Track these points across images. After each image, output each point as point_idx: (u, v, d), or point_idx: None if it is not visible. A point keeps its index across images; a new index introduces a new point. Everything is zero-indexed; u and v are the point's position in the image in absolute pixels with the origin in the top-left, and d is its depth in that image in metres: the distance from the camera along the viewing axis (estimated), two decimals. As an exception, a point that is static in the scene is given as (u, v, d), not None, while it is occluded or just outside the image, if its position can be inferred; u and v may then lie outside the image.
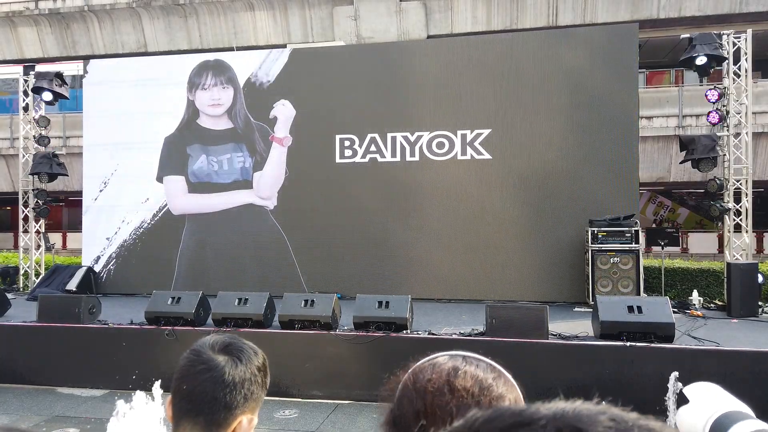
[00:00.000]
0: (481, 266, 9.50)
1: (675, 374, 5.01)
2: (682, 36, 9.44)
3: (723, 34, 8.88)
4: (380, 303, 6.60)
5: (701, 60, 8.55)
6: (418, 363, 0.93)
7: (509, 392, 0.88)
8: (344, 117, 10.11)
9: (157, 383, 4.09)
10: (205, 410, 1.18)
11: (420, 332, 6.52)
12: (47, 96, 10.74)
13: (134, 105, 10.81)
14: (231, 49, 15.86)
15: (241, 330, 6.58)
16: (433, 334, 6.46)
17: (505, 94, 9.57)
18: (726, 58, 8.76)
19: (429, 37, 15.42)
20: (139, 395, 4.25)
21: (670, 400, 5.00)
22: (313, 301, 6.75)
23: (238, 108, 10.53)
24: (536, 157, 9.43)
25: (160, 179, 10.71)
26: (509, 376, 0.91)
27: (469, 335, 6.39)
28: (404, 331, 6.46)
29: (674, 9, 15.05)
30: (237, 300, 6.90)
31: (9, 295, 8.56)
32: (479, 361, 0.91)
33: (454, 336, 6.38)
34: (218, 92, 10.61)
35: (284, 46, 15.88)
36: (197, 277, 10.20)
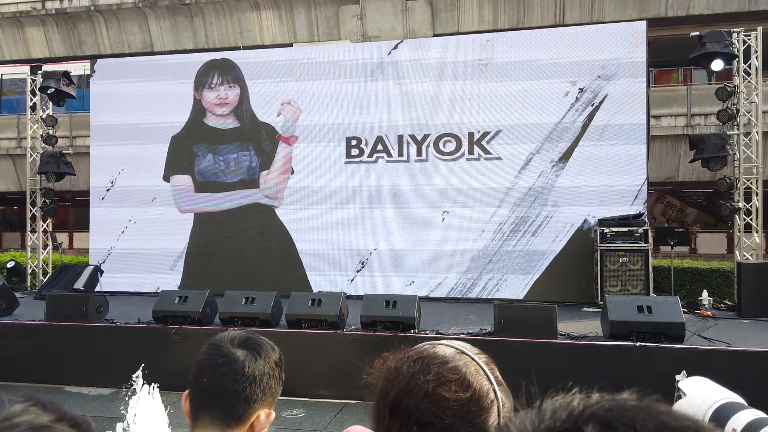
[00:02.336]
0: (487, 266, 9.46)
1: (683, 374, 4.96)
2: (691, 34, 9.37)
3: (733, 31, 8.81)
4: (387, 302, 6.57)
5: (717, 65, 8.48)
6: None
7: (462, 365, 0.91)
8: (351, 116, 10.11)
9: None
10: (225, 403, 1.17)
11: (428, 332, 6.49)
12: (50, 90, 10.74)
13: (141, 104, 10.83)
14: (237, 48, 15.87)
15: (248, 329, 6.55)
16: (440, 333, 6.43)
17: (512, 91, 9.52)
18: (736, 56, 8.69)
19: (435, 35, 15.37)
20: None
21: (677, 399, 4.96)
22: (320, 300, 6.73)
23: (245, 107, 10.53)
24: (544, 156, 9.38)
25: (166, 178, 10.72)
26: (479, 360, 0.93)
27: (477, 335, 6.36)
28: (412, 331, 6.43)
29: (682, 7, 14.95)
30: (244, 299, 6.89)
31: (17, 294, 8.58)
32: (448, 345, 0.95)
33: (462, 336, 6.34)
34: (225, 91, 10.61)
35: (290, 45, 15.90)
36: (204, 276, 10.19)
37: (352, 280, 9.78)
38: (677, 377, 4.76)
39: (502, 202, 9.48)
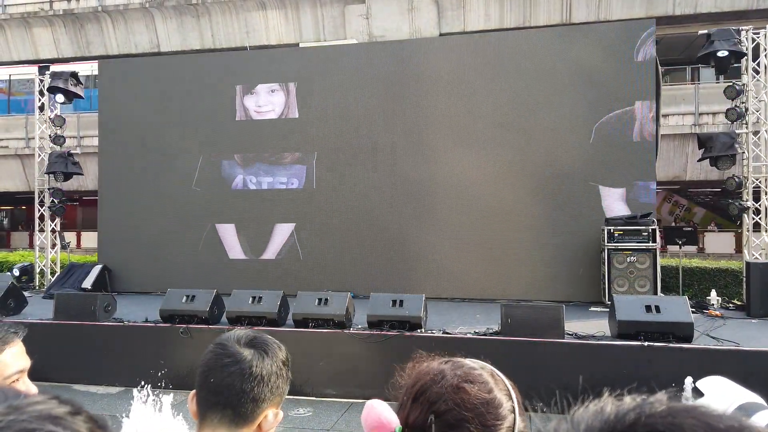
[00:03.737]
0: (495, 265, 9.43)
1: (689, 379, 4.93)
2: (699, 32, 9.30)
3: (741, 29, 8.74)
4: (394, 302, 6.57)
5: (723, 52, 8.41)
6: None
7: (488, 376, 0.96)
8: (356, 115, 10.10)
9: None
10: (233, 403, 1.17)
11: (434, 331, 6.48)
12: (60, 98, 10.85)
13: (153, 104, 10.86)
14: (244, 48, 15.91)
15: (255, 328, 6.57)
16: (447, 333, 6.42)
17: (520, 91, 9.49)
18: (745, 54, 8.62)
19: (441, 35, 15.35)
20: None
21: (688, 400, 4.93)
22: (326, 299, 6.73)
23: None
24: (551, 155, 9.34)
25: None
26: (505, 379, 0.99)
27: (484, 334, 6.34)
28: (418, 330, 6.42)
29: (690, 5, 14.85)
30: (251, 298, 6.90)
31: (26, 293, 8.64)
32: (476, 361, 1.01)
33: (468, 335, 6.33)
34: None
35: (296, 45, 15.91)
36: (211, 275, 10.21)
37: (357, 279, 9.76)
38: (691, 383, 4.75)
39: (508, 202, 9.45)
